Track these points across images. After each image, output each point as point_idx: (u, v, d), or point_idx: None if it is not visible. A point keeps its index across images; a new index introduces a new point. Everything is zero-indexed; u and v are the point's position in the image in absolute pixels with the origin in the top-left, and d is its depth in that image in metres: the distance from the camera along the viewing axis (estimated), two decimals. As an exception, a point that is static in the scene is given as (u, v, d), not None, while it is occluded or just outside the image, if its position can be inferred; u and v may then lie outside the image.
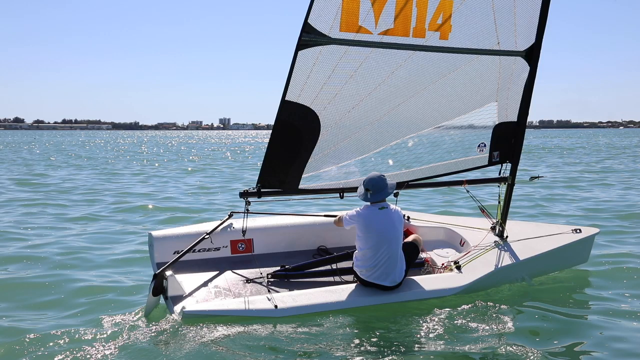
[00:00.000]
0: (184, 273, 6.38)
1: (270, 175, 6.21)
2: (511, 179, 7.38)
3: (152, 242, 6.66)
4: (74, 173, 25.99)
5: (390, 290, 6.15)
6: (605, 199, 15.48)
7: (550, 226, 8.11)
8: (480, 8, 6.35)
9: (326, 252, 7.34)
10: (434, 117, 6.83)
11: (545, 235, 7.49)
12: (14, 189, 18.98)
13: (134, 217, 13.15)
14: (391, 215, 6.14)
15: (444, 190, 16.31)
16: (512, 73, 6.83)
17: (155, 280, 5.89)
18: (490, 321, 5.82)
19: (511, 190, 7.45)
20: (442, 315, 5.86)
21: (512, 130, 7.19)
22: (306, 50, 5.65)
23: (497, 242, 7.22)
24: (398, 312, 5.97)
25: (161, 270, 5.99)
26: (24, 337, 5.51)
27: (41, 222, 12.09)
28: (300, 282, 6.71)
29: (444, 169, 7.08)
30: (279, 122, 5.95)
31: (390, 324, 5.71)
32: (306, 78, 5.79)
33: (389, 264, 6.05)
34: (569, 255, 7.53)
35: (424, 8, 6.04)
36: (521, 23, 6.59)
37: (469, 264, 6.71)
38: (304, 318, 5.64)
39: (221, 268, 6.76)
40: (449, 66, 6.55)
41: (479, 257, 6.88)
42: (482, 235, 7.37)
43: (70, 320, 6.20)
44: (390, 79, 6.31)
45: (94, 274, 8.11)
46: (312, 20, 5.51)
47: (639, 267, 8.21)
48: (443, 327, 5.61)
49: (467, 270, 6.61)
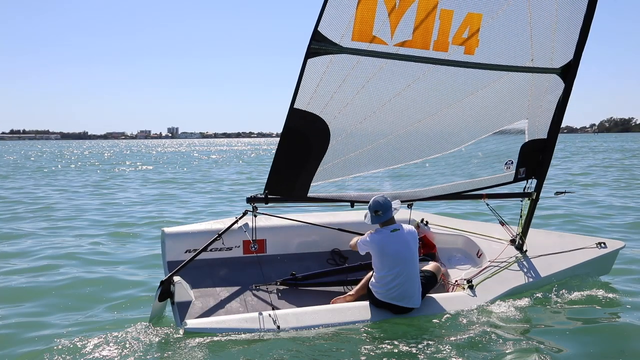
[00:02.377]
0: (194, 273, 6.29)
1: (278, 182, 6.14)
2: (536, 194, 7.06)
3: (164, 239, 6.56)
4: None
5: (402, 314, 6.00)
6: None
7: (574, 238, 7.78)
8: (515, 23, 5.95)
9: (340, 255, 7.23)
10: (460, 137, 6.57)
11: (567, 251, 7.21)
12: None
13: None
14: (405, 237, 6.01)
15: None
16: (545, 90, 6.43)
17: (163, 286, 5.81)
18: (497, 333, 5.64)
19: (535, 205, 7.13)
20: (451, 330, 5.70)
21: (541, 146, 6.82)
22: (316, 58, 5.51)
23: (516, 256, 6.98)
24: (404, 329, 5.79)
25: (169, 276, 5.92)
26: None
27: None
28: (309, 291, 6.67)
29: (465, 187, 6.82)
30: (287, 129, 5.87)
31: (396, 340, 5.48)
32: (315, 86, 5.67)
33: (407, 285, 5.93)
34: (590, 270, 7.24)
35: (447, 21, 5.71)
36: (560, 39, 6.15)
37: (482, 283, 6.50)
38: (307, 331, 5.57)
39: (232, 270, 6.71)
40: (477, 83, 6.22)
41: (494, 276, 6.66)
42: (501, 248, 7.14)
43: (69, 327, 6.30)
44: (406, 92, 6.06)
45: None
46: (322, 28, 5.36)
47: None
48: (450, 342, 5.42)
49: (480, 290, 6.40)
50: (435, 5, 5.63)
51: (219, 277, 6.61)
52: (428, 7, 5.61)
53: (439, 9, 5.65)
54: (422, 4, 5.58)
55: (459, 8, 5.72)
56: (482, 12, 5.81)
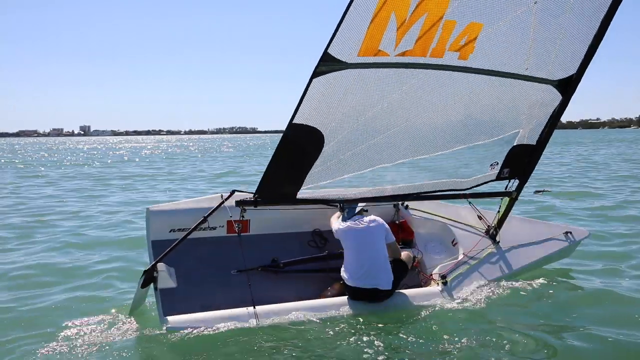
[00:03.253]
0: (176, 253, 6.20)
1: (269, 187, 5.98)
2: (516, 194, 7.23)
3: (149, 217, 6.55)
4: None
5: (377, 302, 6.31)
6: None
7: (543, 226, 8.12)
8: (515, 33, 5.75)
9: (320, 236, 7.46)
10: (447, 141, 6.46)
11: (537, 242, 7.61)
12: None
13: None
14: (369, 228, 6.47)
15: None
16: (539, 100, 6.38)
17: (146, 274, 5.85)
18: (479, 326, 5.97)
19: (513, 203, 7.34)
20: (425, 325, 5.99)
21: (528, 151, 6.85)
22: (321, 77, 5.19)
23: (489, 248, 7.29)
24: (385, 321, 6.04)
25: (152, 265, 5.94)
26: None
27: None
28: (289, 276, 6.96)
29: (450, 185, 6.83)
30: (284, 142, 5.64)
31: (378, 332, 5.76)
32: (317, 102, 5.39)
33: (372, 267, 6.31)
34: (556, 258, 7.86)
35: (449, 31, 5.45)
36: (562, 52, 6.01)
37: (456, 278, 6.82)
38: (286, 326, 5.81)
39: (214, 250, 6.78)
40: (470, 88, 6.08)
41: (467, 270, 6.95)
42: (475, 238, 7.40)
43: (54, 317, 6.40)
44: (397, 95, 5.84)
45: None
46: (332, 49, 4.99)
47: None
48: (431, 335, 5.70)
49: (453, 285, 6.73)
50: (442, 17, 5.33)
51: (201, 258, 6.69)
52: (434, 19, 5.33)
53: (444, 20, 5.36)
54: (429, 17, 5.29)
55: (463, 18, 5.46)
56: (484, 22, 5.57)
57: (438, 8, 5.21)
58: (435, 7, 5.17)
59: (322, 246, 7.38)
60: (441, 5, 5.19)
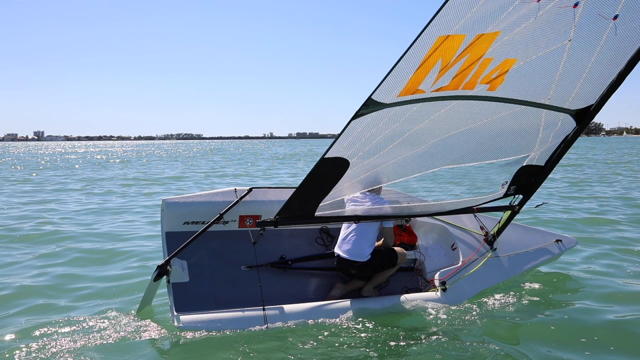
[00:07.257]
0: (189, 245, 6.37)
1: (290, 211, 5.98)
2: (518, 208, 7.42)
3: (164, 209, 6.63)
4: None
5: (353, 270, 6.89)
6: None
7: (536, 234, 8.42)
8: (545, 67, 5.69)
9: (328, 234, 7.64)
10: (462, 158, 6.50)
11: (531, 249, 7.95)
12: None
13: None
14: (371, 210, 6.64)
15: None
16: (555, 127, 6.44)
17: (160, 269, 5.98)
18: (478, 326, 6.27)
19: (514, 216, 7.55)
20: (431, 327, 6.23)
21: (536, 171, 6.99)
22: (360, 118, 5.07)
23: (487, 254, 7.57)
24: (388, 324, 6.28)
25: (166, 260, 6.07)
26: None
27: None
28: (298, 273, 7.17)
29: (458, 205, 6.92)
30: (313, 175, 5.59)
31: (380, 336, 6.00)
32: (351, 139, 5.32)
33: (356, 238, 6.80)
34: (546, 264, 8.31)
35: (484, 67, 5.41)
36: (586, 85, 6.03)
37: (454, 285, 7.06)
38: (294, 328, 6.03)
39: (226, 245, 6.93)
40: (487, 112, 6.07)
41: (465, 277, 7.20)
42: (474, 244, 7.68)
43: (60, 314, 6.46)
44: (424, 123, 5.84)
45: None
46: (376, 95, 4.86)
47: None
48: (432, 340, 5.92)
49: (452, 291, 6.97)
50: (481, 56, 5.25)
51: (212, 252, 6.85)
52: (474, 59, 5.25)
53: (483, 59, 5.29)
54: (470, 58, 5.20)
55: (499, 55, 5.40)
56: (518, 57, 5.52)
57: (480, 49, 5.13)
58: (478, 49, 5.08)
59: (329, 244, 7.57)
60: (484, 47, 5.10)
